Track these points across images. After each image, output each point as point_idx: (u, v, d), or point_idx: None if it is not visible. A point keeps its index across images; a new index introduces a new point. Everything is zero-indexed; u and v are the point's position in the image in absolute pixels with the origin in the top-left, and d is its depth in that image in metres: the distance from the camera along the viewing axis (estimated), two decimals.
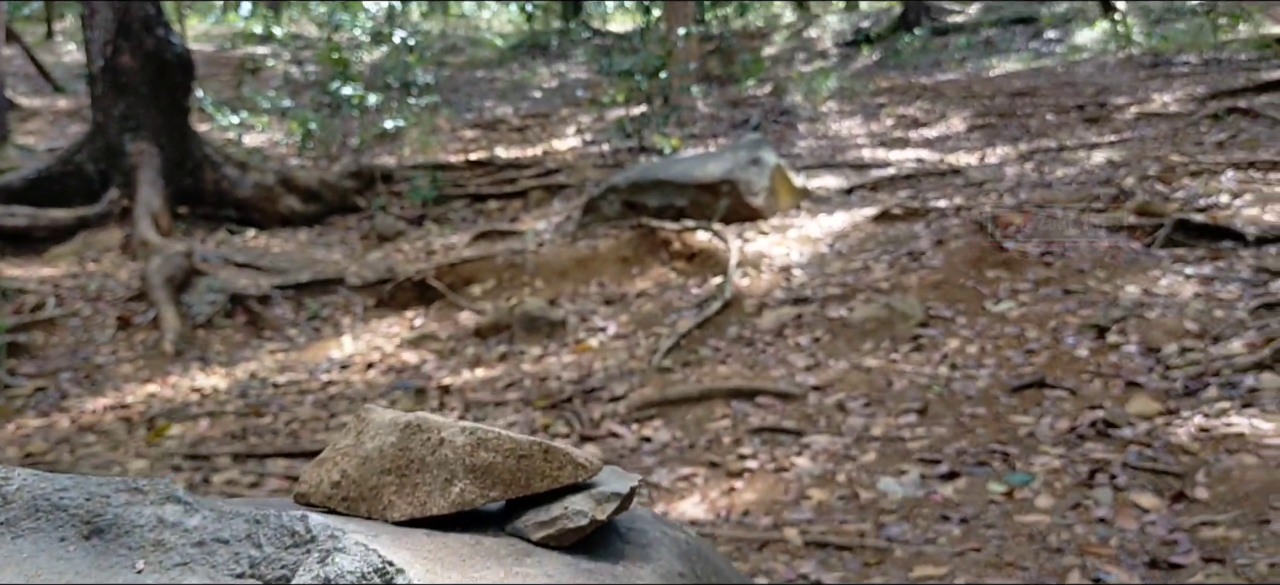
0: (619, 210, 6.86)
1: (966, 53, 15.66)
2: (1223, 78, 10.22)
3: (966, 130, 10.00)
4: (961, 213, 5.75)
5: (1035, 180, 6.79)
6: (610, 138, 10.65)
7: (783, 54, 18.64)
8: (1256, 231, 4.76)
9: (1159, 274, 4.47)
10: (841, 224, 6.09)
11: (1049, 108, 10.25)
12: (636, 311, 5.19)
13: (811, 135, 10.73)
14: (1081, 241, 5.03)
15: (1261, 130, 7.79)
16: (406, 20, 15.21)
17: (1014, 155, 8.31)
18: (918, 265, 4.94)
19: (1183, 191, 5.81)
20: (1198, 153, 7.06)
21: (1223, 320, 3.88)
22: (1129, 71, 11.71)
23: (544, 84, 17.55)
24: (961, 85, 12.76)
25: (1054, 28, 15.98)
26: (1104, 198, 5.85)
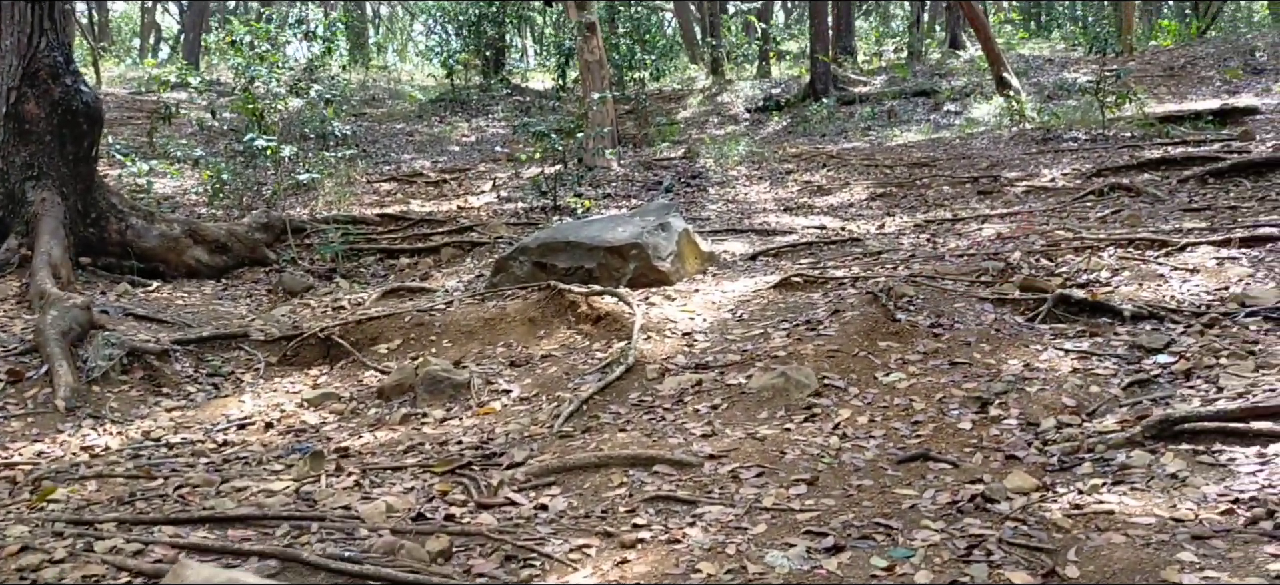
0: (529, 271, 6.92)
1: (870, 122, 16.19)
2: (1108, 155, 10.77)
3: (868, 198, 10.32)
4: (858, 282, 5.95)
5: (929, 252, 7.06)
6: (525, 195, 10.74)
7: (697, 117, 19.00)
8: (1132, 308, 5.03)
9: (1040, 348, 4.70)
10: (744, 290, 6.24)
11: (945, 179, 10.65)
12: (541, 374, 5.24)
13: (721, 199, 10.95)
14: (969, 314, 5.25)
15: (1142, 207, 8.22)
16: (325, 72, 15.09)
17: (911, 225, 8.61)
18: (814, 334, 5.10)
19: (1066, 267, 6.11)
20: (1082, 228, 7.42)
21: (1098, 396, 4.09)
22: (1021, 146, 12.25)
23: (463, 138, 17.58)
24: (865, 154, 13.18)
25: (953, 101, 16.64)
26: (992, 271, 6.11)
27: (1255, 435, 3.41)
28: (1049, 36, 24.48)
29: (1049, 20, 27.26)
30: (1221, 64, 16.61)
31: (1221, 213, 7.53)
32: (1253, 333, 4.53)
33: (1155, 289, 5.43)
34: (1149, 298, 5.27)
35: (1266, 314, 4.72)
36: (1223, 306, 4.95)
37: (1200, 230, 6.65)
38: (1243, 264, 5.68)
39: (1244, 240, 6.08)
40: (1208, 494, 3.10)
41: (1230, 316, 4.77)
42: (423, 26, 33.59)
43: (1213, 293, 5.23)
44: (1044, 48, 22.14)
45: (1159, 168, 9.57)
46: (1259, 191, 8.27)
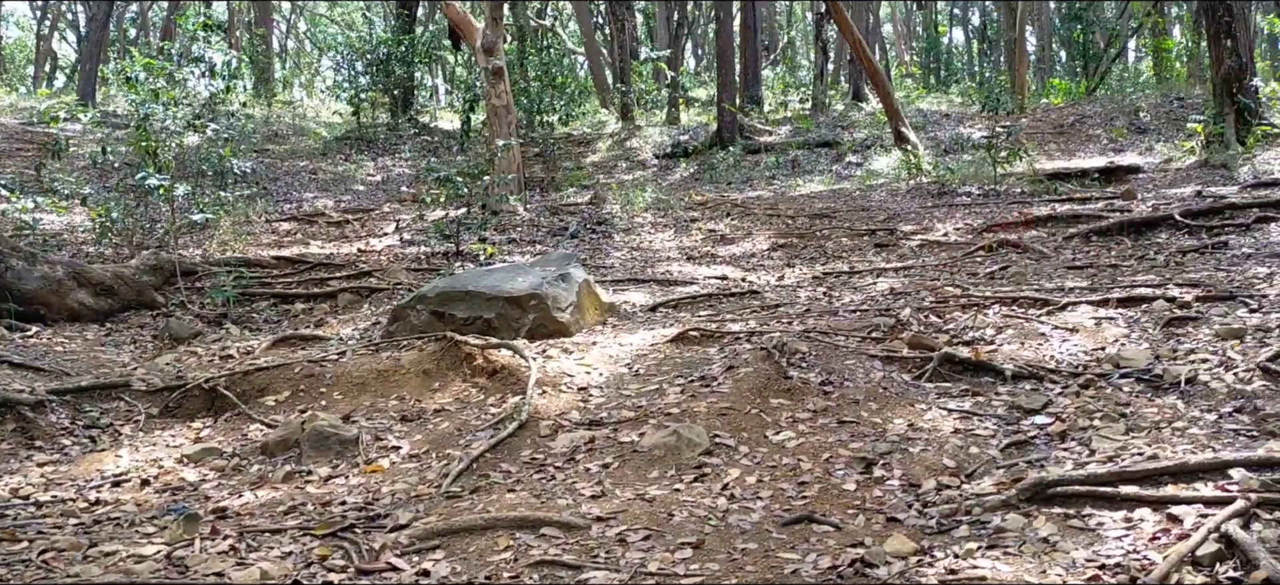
0: (427, 320, 6.84)
1: (775, 172, 16.48)
2: (999, 211, 11.14)
3: (769, 249, 10.48)
4: (754, 337, 6.02)
5: (824, 306, 7.19)
6: (429, 239, 10.63)
7: (606, 161, 19.10)
8: (1014, 368, 5.19)
9: (925, 407, 4.81)
10: (642, 344, 6.26)
11: (845, 231, 10.88)
12: (434, 430, 5.15)
13: (626, 246, 11.00)
14: (859, 372, 5.35)
15: (1028, 264, 8.51)
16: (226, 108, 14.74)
17: (810, 277, 8.76)
18: (708, 390, 5.13)
19: (954, 324, 6.28)
20: (971, 284, 7.65)
21: (977, 457, 4.20)
22: (918, 199, 12.60)
23: (368, 178, 17.34)
24: (768, 203, 13.40)
25: (854, 153, 17.06)
26: (883, 328, 6.25)
27: (1122, 500, 3.53)
28: (948, 91, 25.31)
29: (948, 75, 28.19)
30: (1108, 123, 17.36)
31: (1103, 271, 7.85)
32: (1125, 394, 4.71)
33: (1036, 348, 5.61)
34: (1030, 357, 5.44)
35: (1139, 375, 4.92)
36: (1099, 367, 5.14)
37: (1081, 289, 6.91)
38: (1119, 324, 5.91)
39: (1121, 300, 6.33)
40: (1076, 559, 3.20)
41: (1105, 377, 4.96)
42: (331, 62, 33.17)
43: (1090, 353, 5.43)
44: (943, 102, 22.87)
45: (1046, 225, 9.94)
46: (1138, 250, 8.65)
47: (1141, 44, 32.22)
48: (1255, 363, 4.80)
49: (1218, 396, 4.54)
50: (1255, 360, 4.83)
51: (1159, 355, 5.21)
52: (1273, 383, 4.58)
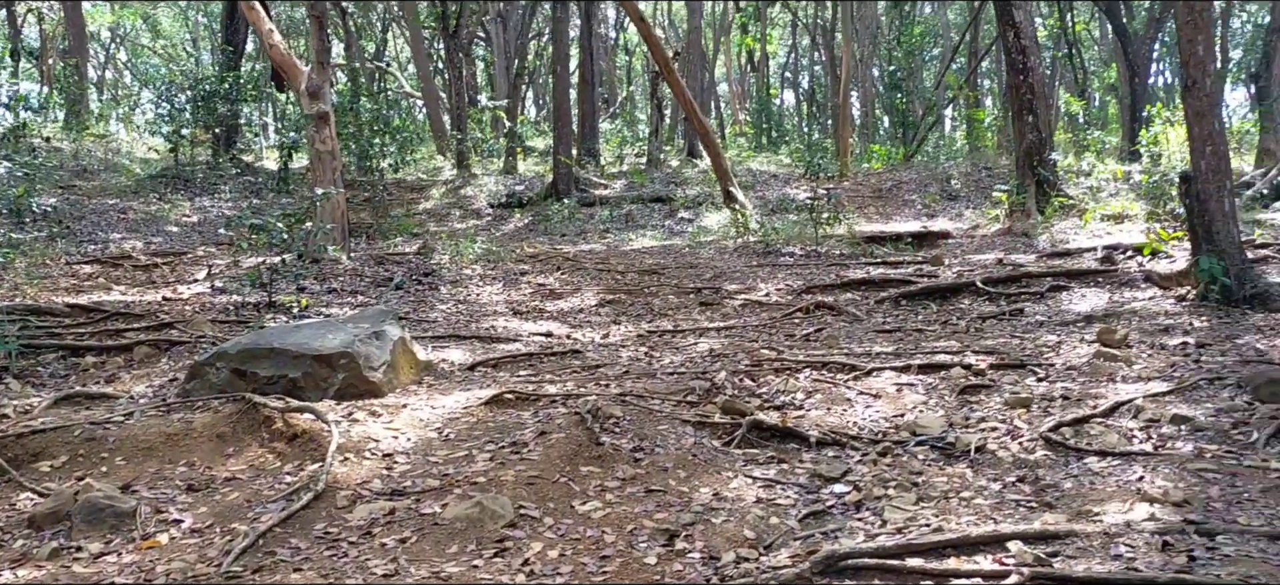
0: (227, 378, 6.47)
1: (609, 225, 16.59)
2: (818, 272, 11.50)
3: (598, 305, 10.48)
4: (570, 401, 5.95)
5: (644, 368, 7.21)
6: (242, 288, 10.14)
7: (439, 209, 18.81)
8: (819, 434, 5.30)
9: (732, 475, 4.84)
10: (456, 406, 6.10)
11: (672, 288, 11.00)
12: (222, 501, 4.84)
13: (453, 299, 10.79)
14: (671, 438, 5.36)
15: (842, 327, 8.79)
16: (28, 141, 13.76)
17: (634, 335, 8.79)
18: (518, 457, 5.02)
19: (767, 388, 6.38)
20: (787, 347, 7.83)
21: (777, 528, 4.24)
22: (744, 258, 12.89)
23: (184, 218, 16.50)
24: (600, 258, 13.43)
25: (687, 209, 17.38)
26: (699, 391, 6.29)
27: (908, 572, 3.62)
28: (778, 152, 26.18)
29: (779, 136, 29.19)
30: (923, 189, 18.29)
31: (909, 336, 8.17)
32: (919, 463, 4.87)
33: (842, 414, 5.76)
34: (835, 423, 5.57)
35: (933, 443, 5.10)
36: (897, 434, 5.30)
37: (887, 355, 7.16)
38: (918, 391, 6.14)
39: (922, 367, 6.59)
40: None
41: (902, 445, 5.12)
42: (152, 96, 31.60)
43: (890, 419, 5.60)
44: (773, 163, 23.63)
45: (860, 288, 10.31)
46: (943, 315, 9.06)
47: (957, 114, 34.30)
48: (1039, 432, 5.06)
49: (1004, 465, 4.74)
50: (1039, 430, 5.09)
51: (953, 423, 5.43)
52: (1053, 452, 4.83)
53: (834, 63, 27.80)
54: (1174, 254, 9.61)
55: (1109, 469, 4.55)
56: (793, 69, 38.83)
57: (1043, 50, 35.44)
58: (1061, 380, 6.10)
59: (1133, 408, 5.29)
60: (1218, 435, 4.84)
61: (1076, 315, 8.37)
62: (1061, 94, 33.54)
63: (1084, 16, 32.82)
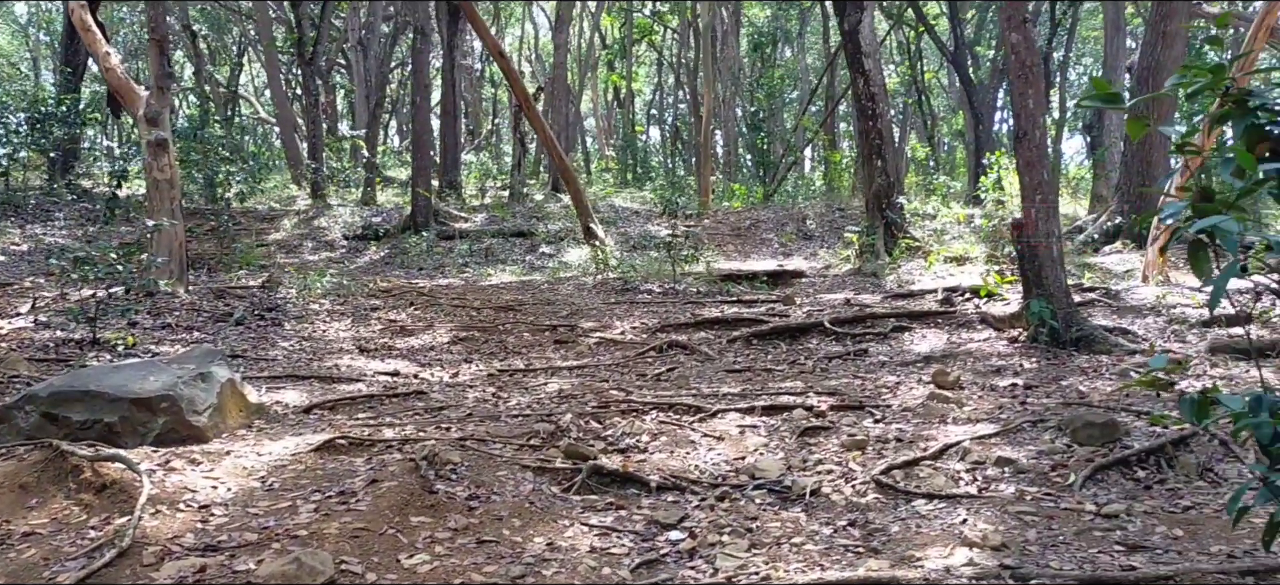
0: (36, 423, 6.02)
1: (469, 259, 16.34)
2: (674, 310, 11.55)
3: (450, 342, 10.26)
4: (407, 446, 5.75)
5: (489, 410, 7.05)
6: (69, 323, 9.53)
7: (290, 240, 18.19)
8: (659, 479, 5.25)
9: (568, 523, 4.73)
10: (285, 453, 5.82)
11: (528, 325, 10.86)
12: (16, 558, 4.46)
13: (297, 336, 10.39)
14: (510, 484, 5.22)
15: (694, 366, 8.82)
16: None
17: (485, 374, 8.62)
18: (345, 508, 4.81)
19: (613, 430, 6.32)
20: (637, 387, 7.79)
21: (609, 579, 4.15)
22: (603, 295, 12.86)
23: (13, 247, 15.47)
24: (457, 293, 13.20)
25: (548, 244, 17.28)
26: (543, 434, 6.18)
27: None
28: (642, 188, 26.38)
29: (644, 173, 29.45)
30: (780, 228, 18.69)
31: (758, 375, 8.26)
32: (756, 507, 4.87)
33: (684, 457, 5.73)
34: (677, 467, 5.54)
35: (770, 487, 5.11)
36: (737, 478, 5.30)
37: (734, 396, 7.20)
38: (761, 433, 6.18)
39: (766, 408, 6.64)
40: None
41: (741, 489, 5.12)
42: None
43: (731, 462, 5.61)
44: (636, 199, 23.79)
45: (713, 327, 10.39)
46: (792, 354, 9.20)
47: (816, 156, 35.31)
48: (871, 475, 5.13)
49: (836, 509, 4.78)
50: (872, 473, 5.17)
51: (791, 466, 5.46)
52: (884, 496, 4.91)
53: (697, 102, 28.24)
54: (1008, 297, 10.02)
55: (935, 512, 4.64)
56: (659, 106, 39.32)
57: (896, 97, 36.90)
58: (897, 422, 6.24)
59: (960, 450, 5.43)
60: (1038, 478, 5.00)
61: (916, 356, 8.62)
62: (913, 139, 34.97)
63: (934, 66, 34.34)
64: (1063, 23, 28.76)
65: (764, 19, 33.31)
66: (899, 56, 31.87)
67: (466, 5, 15.47)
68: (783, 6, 31.67)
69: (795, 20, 32.88)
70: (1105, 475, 4.96)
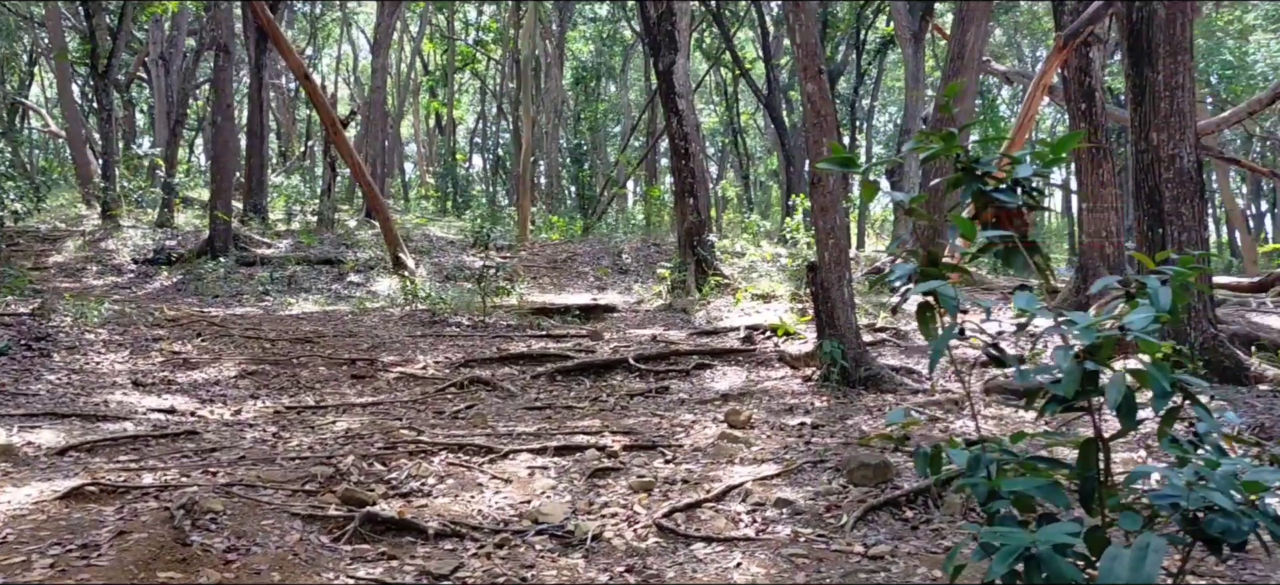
0: None
1: (269, 287, 15.62)
2: (481, 345, 11.34)
3: (237, 376, 9.72)
4: (165, 493, 5.35)
5: (265, 451, 6.67)
6: None
7: (73, 263, 16.95)
8: (438, 526, 5.05)
9: (333, 576, 4.48)
10: (26, 501, 5.30)
11: (325, 359, 10.43)
12: None
13: (66, 369, 9.61)
14: (275, 533, 4.92)
15: (495, 403, 8.65)
16: None
17: (271, 411, 8.18)
18: (86, 563, 4.39)
19: (397, 473, 6.07)
20: (432, 426, 7.56)
21: None
22: (409, 327, 12.50)
23: None
24: (252, 323, 12.56)
25: (357, 273, 16.72)
26: (320, 478, 5.88)
27: None
28: (461, 217, 25.99)
29: (464, 202, 29.06)
30: (596, 262, 18.74)
31: (558, 412, 8.16)
32: (535, 554, 4.75)
33: (469, 501, 5.56)
34: (460, 512, 5.36)
35: (552, 531, 5.01)
36: (520, 523, 5.17)
37: (529, 435, 7.08)
38: (551, 474, 6.07)
39: (559, 449, 6.54)
40: None
41: (522, 535, 4.99)
42: None
43: (517, 506, 5.47)
44: (454, 229, 23.40)
45: (519, 362, 10.25)
46: (595, 391, 9.15)
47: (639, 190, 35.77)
48: (654, 518, 5.10)
49: (616, 554, 4.72)
50: (654, 516, 5.14)
51: (577, 509, 5.38)
52: (664, 539, 4.88)
53: (519, 132, 28.13)
54: (805, 336, 10.32)
55: (712, 556, 4.65)
56: (482, 135, 38.98)
57: (714, 136, 37.90)
58: (687, 462, 6.26)
59: (743, 491, 5.49)
60: (813, 518, 5.10)
61: (715, 394, 8.73)
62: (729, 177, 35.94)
63: (750, 108, 35.46)
64: (869, 72, 30.24)
65: (588, 54, 33.59)
66: (717, 97, 32.75)
67: (267, 22, 14.84)
68: (606, 43, 32.02)
69: (619, 56, 33.30)
70: (876, 516, 5.10)
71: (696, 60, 31.89)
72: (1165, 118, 9.00)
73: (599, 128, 32.91)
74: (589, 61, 33.04)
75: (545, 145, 31.26)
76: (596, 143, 32.98)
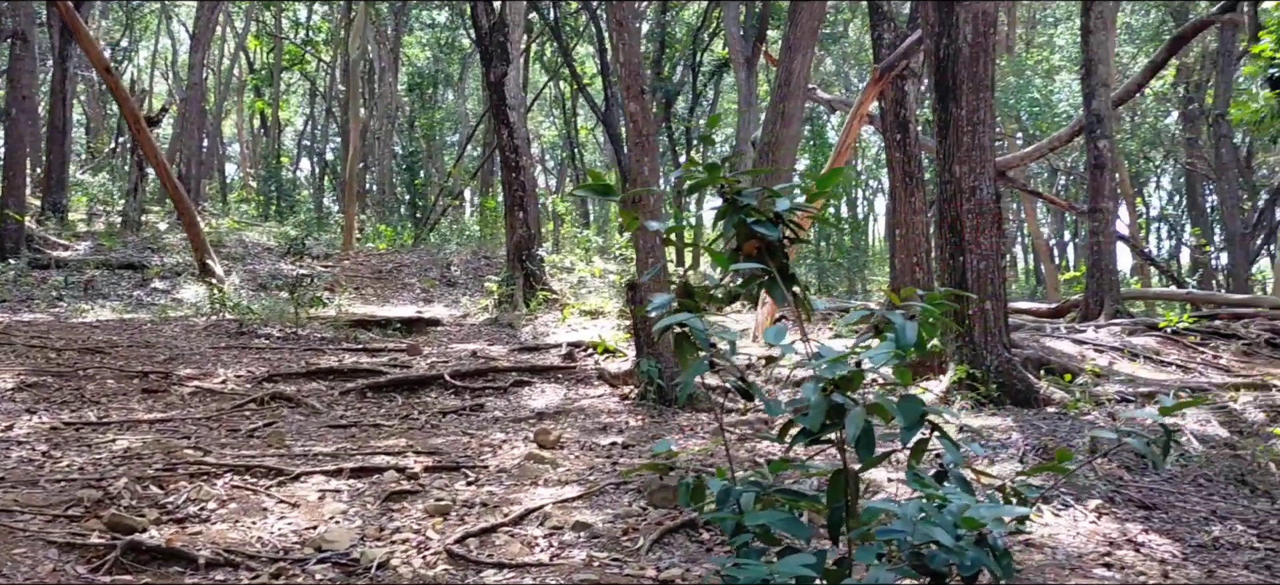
0: None
1: (64, 292, 14.56)
2: (290, 358, 10.84)
3: (15, 389, 8.96)
4: None
5: (29, 473, 6.13)
6: None
7: None
8: (210, 555, 4.73)
9: None
10: None
11: (116, 370, 9.75)
12: None
13: None
14: (25, 563, 4.50)
15: (297, 420, 8.25)
16: None
17: (46, 427, 7.56)
18: None
19: (175, 497, 5.68)
20: (222, 445, 7.13)
21: None
22: (214, 337, 11.86)
23: None
24: (40, 330, 11.67)
25: (162, 279, 15.79)
26: (88, 502, 5.43)
27: None
28: (284, 222, 24.98)
29: (289, 207, 27.96)
30: (423, 273, 18.31)
31: (364, 431, 7.85)
32: (315, 584, 4.50)
33: (250, 528, 5.24)
34: (238, 539, 5.04)
35: (336, 559, 4.76)
36: (302, 551, 4.90)
37: (325, 456, 6.76)
38: (344, 498, 5.80)
39: (355, 470, 6.27)
40: None
41: (303, 563, 4.72)
42: None
43: (301, 533, 5.18)
44: (277, 235, 22.44)
45: (329, 377, 9.84)
46: (406, 409, 8.87)
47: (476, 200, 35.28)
48: (445, 544, 4.92)
49: (402, 583, 4.52)
50: (447, 541, 4.96)
51: (366, 535, 5.14)
52: (455, 567, 4.71)
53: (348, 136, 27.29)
54: (627, 354, 10.31)
55: (502, 583, 4.51)
56: (311, 137, 37.64)
57: (554, 150, 37.83)
58: (491, 484, 6.10)
59: (542, 515, 5.37)
60: (610, 542, 5.03)
61: (531, 412, 8.60)
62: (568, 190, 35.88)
63: (590, 122, 35.53)
64: (705, 94, 30.79)
65: (425, 60, 32.95)
66: (556, 110, 32.68)
67: (65, 10, 13.85)
68: (444, 49, 31.49)
69: (456, 64, 32.80)
70: (673, 538, 5.07)
71: (536, 72, 31.75)
72: (967, 151, 9.39)
73: (435, 136, 32.29)
74: (426, 68, 32.40)
75: (377, 151, 30.44)
76: (432, 151, 32.35)
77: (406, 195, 29.32)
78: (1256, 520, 5.95)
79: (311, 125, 36.79)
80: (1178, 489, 6.51)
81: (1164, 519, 5.89)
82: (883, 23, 14.31)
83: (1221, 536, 5.65)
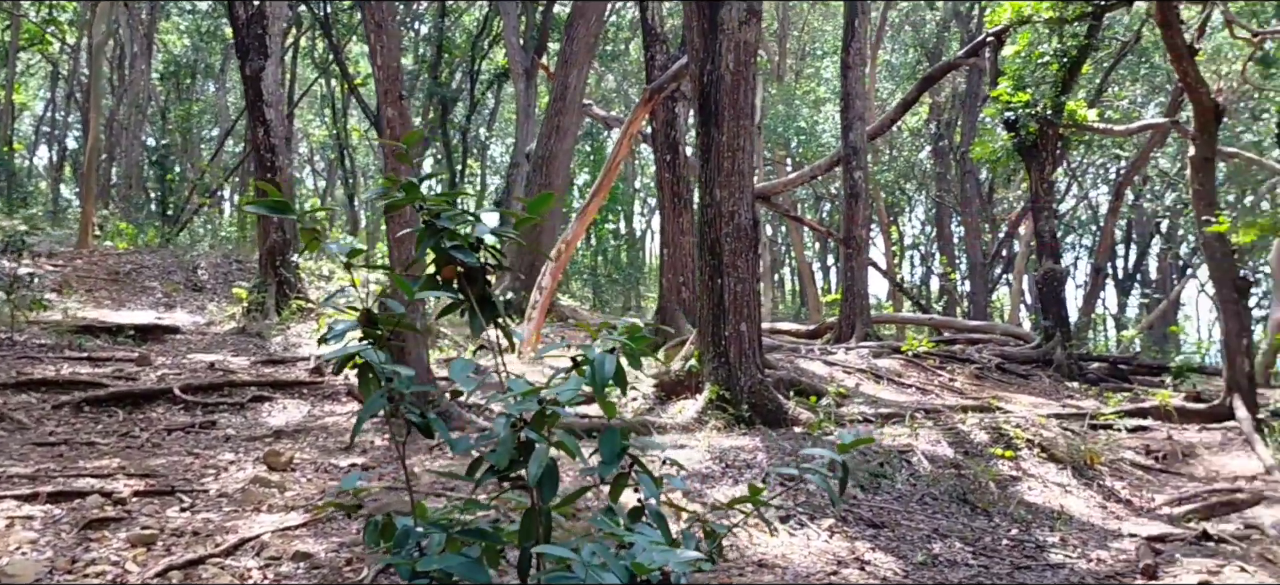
0: None
1: None
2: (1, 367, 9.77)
3: None
4: None
5: None
6: None
7: None
8: None
9: None
10: None
11: None
12: None
13: None
14: None
15: (1, 437, 7.40)
16: None
17: None
18: None
19: None
20: None
21: None
22: None
23: None
24: None
25: None
26: None
27: None
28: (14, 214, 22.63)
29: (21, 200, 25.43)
30: (167, 276, 17.03)
31: (74, 450, 7.13)
32: None
33: None
34: None
35: None
36: None
37: (22, 478, 6.07)
38: (36, 525, 5.21)
39: (55, 494, 5.65)
40: None
41: None
42: None
43: None
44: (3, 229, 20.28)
45: (43, 389, 8.92)
46: (128, 425, 8.14)
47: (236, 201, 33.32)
48: (145, 579, 4.48)
49: None
50: (145, 576, 4.51)
51: (56, 569, 4.62)
52: None
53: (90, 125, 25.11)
54: None
55: None
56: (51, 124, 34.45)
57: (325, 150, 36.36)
58: (208, 510, 5.64)
59: (259, 544, 4.99)
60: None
61: (268, 430, 8.08)
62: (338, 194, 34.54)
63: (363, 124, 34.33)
64: (484, 102, 30.42)
65: (183, 48, 30.87)
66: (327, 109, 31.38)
67: None
68: (204, 39, 29.59)
69: (218, 55, 30.90)
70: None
71: (306, 68, 30.36)
72: (727, 176, 9.61)
73: (192, 129, 30.28)
74: (184, 57, 30.36)
75: (125, 142, 28.20)
76: (188, 145, 30.32)
77: (157, 191, 27.28)
78: (973, 537, 6.34)
79: (52, 110, 33.70)
80: (906, 507, 6.87)
81: (890, 537, 6.18)
82: (656, 44, 14.57)
83: (941, 553, 5.98)
